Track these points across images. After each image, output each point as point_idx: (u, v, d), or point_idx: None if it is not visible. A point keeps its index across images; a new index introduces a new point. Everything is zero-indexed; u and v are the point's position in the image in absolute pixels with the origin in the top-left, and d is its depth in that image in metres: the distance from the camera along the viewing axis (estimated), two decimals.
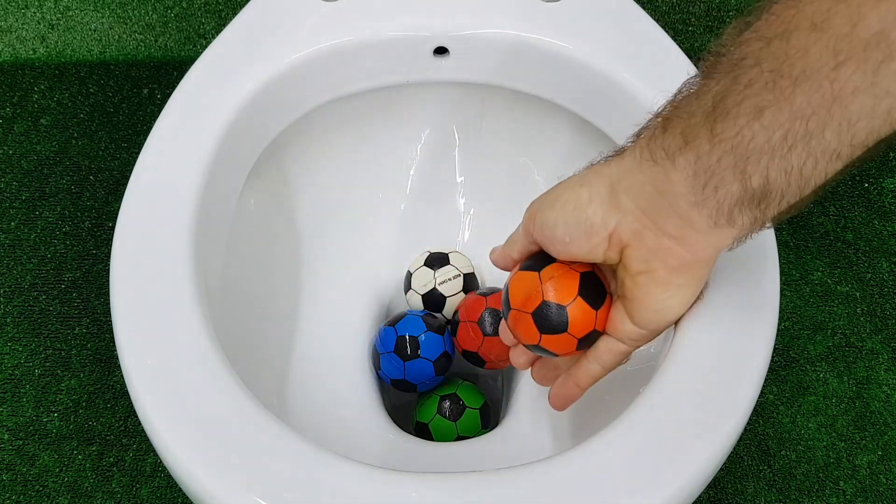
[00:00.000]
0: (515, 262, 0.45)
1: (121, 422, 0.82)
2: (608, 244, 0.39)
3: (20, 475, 0.79)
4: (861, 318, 0.90)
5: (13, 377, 0.86)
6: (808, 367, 0.87)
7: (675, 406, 0.40)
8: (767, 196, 0.33)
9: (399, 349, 0.65)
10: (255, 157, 0.61)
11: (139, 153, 0.54)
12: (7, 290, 0.93)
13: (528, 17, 0.62)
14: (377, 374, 0.67)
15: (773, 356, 0.59)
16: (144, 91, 1.15)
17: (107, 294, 0.47)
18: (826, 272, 0.94)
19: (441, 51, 0.63)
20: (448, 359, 0.67)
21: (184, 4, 1.14)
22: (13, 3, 1.14)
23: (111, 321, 0.45)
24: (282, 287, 0.68)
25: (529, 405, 0.63)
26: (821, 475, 0.79)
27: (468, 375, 0.72)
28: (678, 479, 0.38)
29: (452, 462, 0.58)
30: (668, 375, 0.41)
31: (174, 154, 0.54)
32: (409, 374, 0.65)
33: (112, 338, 0.51)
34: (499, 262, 0.46)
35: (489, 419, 0.67)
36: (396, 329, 0.66)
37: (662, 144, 0.35)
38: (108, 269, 0.48)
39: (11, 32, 1.17)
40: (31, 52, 1.19)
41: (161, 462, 0.58)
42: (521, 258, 0.44)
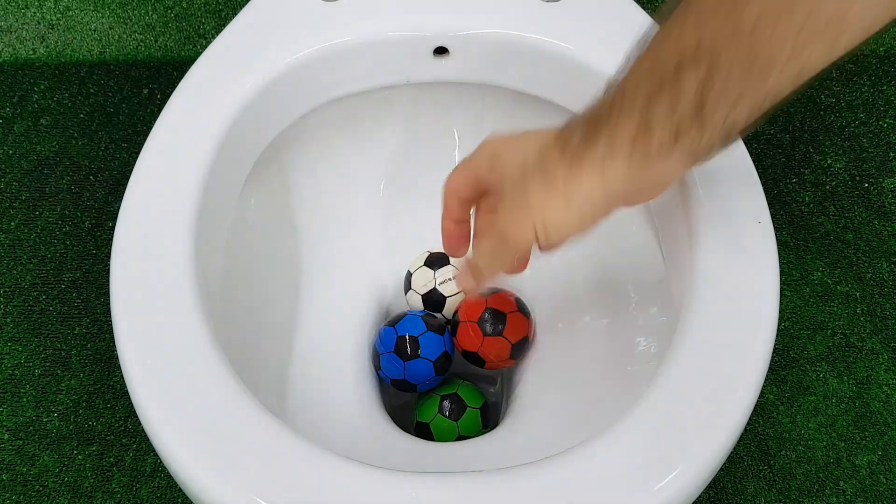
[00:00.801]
0: (460, 232, 0.48)
1: (121, 422, 0.82)
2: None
3: (20, 475, 0.79)
4: (861, 318, 0.90)
5: (13, 377, 0.86)
6: (808, 367, 0.87)
7: (676, 406, 0.40)
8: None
9: (399, 349, 0.65)
10: (255, 157, 0.61)
11: (139, 153, 0.54)
12: (7, 290, 0.93)
13: (528, 17, 0.62)
14: (377, 374, 0.67)
15: (773, 356, 0.59)
16: (144, 91, 1.15)
17: (107, 294, 0.47)
18: (826, 272, 0.94)
19: (441, 51, 0.63)
20: (448, 359, 0.67)
21: (184, 4, 1.14)
22: (13, 3, 1.14)
23: (111, 321, 0.45)
24: (282, 287, 0.68)
25: (530, 405, 0.63)
26: (821, 475, 0.79)
27: (467, 375, 0.72)
28: (678, 479, 0.38)
29: (452, 462, 0.58)
30: (669, 375, 0.41)
31: (174, 154, 0.54)
32: (409, 374, 0.65)
33: (112, 338, 0.51)
34: (450, 245, 0.48)
35: (489, 419, 0.67)
36: (396, 329, 0.66)
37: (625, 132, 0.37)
38: (108, 269, 0.48)
39: (11, 32, 1.17)
40: (31, 52, 1.19)
41: (161, 462, 0.58)
42: (464, 210, 0.47)
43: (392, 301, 0.74)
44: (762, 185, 0.51)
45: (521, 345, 0.65)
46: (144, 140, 0.55)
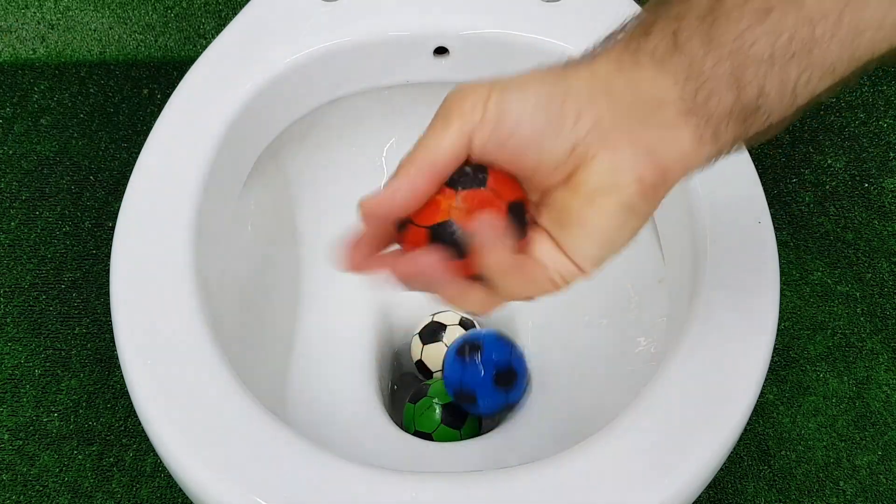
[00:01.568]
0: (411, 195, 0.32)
1: (121, 422, 0.82)
2: (567, 156, 0.31)
3: (20, 475, 0.79)
4: (861, 318, 0.90)
5: (13, 377, 0.86)
6: (808, 367, 0.87)
7: (675, 406, 0.40)
8: (757, 111, 0.31)
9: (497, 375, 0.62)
10: (256, 157, 0.61)
11: (139, 153, 0.54)
12: (7, 290, 0.93)
13: (528, 17, 0.62)
14: (465, 409, 0.66)
15: (773, 356, 0.59)
16: (144, 91, 1.15)
17: (107, 294, 0.47)
18: (826, 272, 0.94)
19: (441, 51, 0.63)
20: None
21: (184, 4, 1.14)
22: (13, 3, 1.14)
23: (111, 321, 0.45)
24: (282, 287, 0.68)
25: (530, 405, 0.63)
26: (821, 475, 0.79)
27: None
28: (678, 479, 0.38)
29: (452, 462, 0.58)
30: (668, 376, 0.41)
31: (174, 154, 0.54)
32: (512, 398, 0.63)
33: (112, 338, 0.51)
34: (381, 206, 0.32)
35: (481, 423, 0.67)
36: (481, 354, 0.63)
37: (647, 47, 0.31)
38: (108, 269, 0.48)
39: (11, 32, 1.17)
40: (31, 52, 1.19)
41: (161, 462, 0.58)
42: (421, 185, 0.31)
43: (392, 301, 0.74)
44: (762, 185, 0.51)
45: (520, 210, 0.34)
46: (144, 140, 0.55)
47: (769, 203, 0.50)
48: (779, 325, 0.49)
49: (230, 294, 0.57)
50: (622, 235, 0.32)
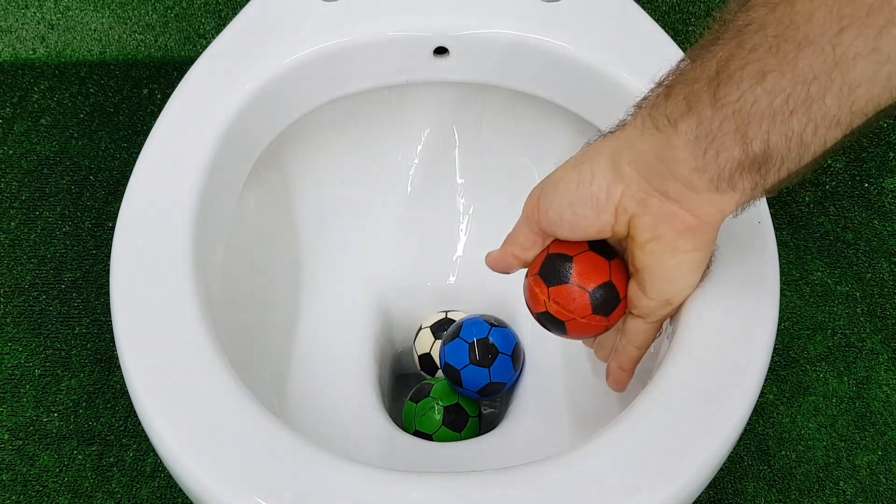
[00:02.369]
0: (518, 260, 0.44)
1: (121, 422, 0.82)
2: (615, 218, 0.39)
3: (20, 475, 0.79)
4: (861, 318, 0.90)
5: (13, 377, 0.86)
6: (808, 367, 0.87)
7: (675, 406, 0.40)
8: (768, 161, 0.33)
9: (477, 358, 0.64)
10: (255, 157, 0.61)
11: (139, 153, 0.54)
12: (7, 290, 0.93)
13: (528, 17, 0.62)
14: (455, 391, 0.67)
15: (773, 356, 0.59)
16: (144, 91, 1.15)
17: (107, 294, 0.47)
18: (826, 272, 0.94)
19: (441, 51, 0.63)
20: (519, 348, 0.67)
21: (184, 4, 1.14)
22: (13, 3, 1.14)
23: (111, 321, 0.45)
24: (282, 287, 0.68)
25: (530, 406, 0.63)
26: (821, 475, 0.79)
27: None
28: (678, 479, 0.38)
29: (452, 462, 0.58)
30: (668, 375, 0.41)
31: (174, 154, 0.54)
32: (496, 377, 0.65)
33: (112, 338, 0.51)
34: (497, 264, 0.45)
35: (482, 426, 0.67)
36: (464, 338, 0.66)
37: (665, 111, 0.35)
38: (108, 269, 0.48)
39: (11, 32, 1.17)
40: (31, 52, 1.19)
41: (161, 462, 0.58)
42: (525, 254, 0.44)
43: (392, 301, 0.74)
44: None
45: (607, 293, 0.43)
46: (144, 140, 0.54)
47: (769, 203, 0.49)
48: (779, 325, 0.49)
49: (230, 294, 0.57)
50: (680, 271, 0.40)
